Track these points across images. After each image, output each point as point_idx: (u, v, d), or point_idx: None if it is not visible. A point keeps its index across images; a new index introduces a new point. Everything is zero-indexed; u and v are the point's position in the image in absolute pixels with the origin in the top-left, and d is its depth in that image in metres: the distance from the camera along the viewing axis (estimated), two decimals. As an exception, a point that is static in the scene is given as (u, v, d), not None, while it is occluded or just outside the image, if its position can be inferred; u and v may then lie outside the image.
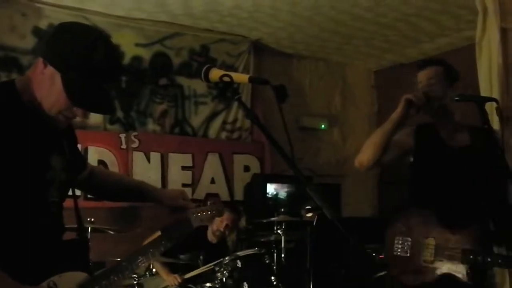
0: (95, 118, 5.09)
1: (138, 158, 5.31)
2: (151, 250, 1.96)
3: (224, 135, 5.93)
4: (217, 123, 5.87)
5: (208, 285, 3.93)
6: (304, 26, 5.57)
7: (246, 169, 5.92)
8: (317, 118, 6.68)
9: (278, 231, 4.57)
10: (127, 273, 1.86)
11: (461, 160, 2.57)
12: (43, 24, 4.87)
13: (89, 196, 4.30)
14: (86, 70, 1.61)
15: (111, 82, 1.71)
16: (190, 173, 5.58)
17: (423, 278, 2.48)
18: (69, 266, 1.70)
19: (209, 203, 2.20)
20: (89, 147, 5.04)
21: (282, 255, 4.52)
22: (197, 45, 5.75)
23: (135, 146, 5.30)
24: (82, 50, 1.62)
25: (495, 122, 2.67)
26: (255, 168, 5.95)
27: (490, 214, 2.55)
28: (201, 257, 4.24)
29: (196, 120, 5.76)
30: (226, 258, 3.94)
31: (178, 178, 5.47)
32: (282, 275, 4.19)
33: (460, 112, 2.67)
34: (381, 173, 6.66)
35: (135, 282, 3.97)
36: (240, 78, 1.70)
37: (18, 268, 1.58)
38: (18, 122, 1.65)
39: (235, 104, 5.78)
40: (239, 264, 3.92)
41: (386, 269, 2.79)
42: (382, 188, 6.82)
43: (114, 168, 5.10)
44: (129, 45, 5.36)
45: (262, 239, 4.76)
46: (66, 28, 1.70)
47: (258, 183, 5.73)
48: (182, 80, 5.67)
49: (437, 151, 2.64)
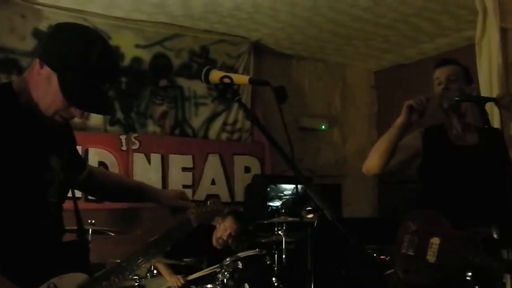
0: (95, 120, 5.10)
1: (139, 159, 5.31)
2: (152, 251, 1.96)
3: (224, 136, 5.93)
4: (217, 124, 5.87)
5: (209, 286, 3.93)
6: (303, 27, 5.57)
7: (247, 170, 5.91)
8: (317, 119, 6.68)
9: (279, 232, 4.57)
10: (127, 273, 1.85)
11: (467, 159, 2.57)
12: (43, 25, 4.87)
13: (89, 197, 4.30)
14: (82, 70, 1.61)
15: (109, 83, 1.70)
16: (190, 174, 5.58)
17: (424, 278, 2.47)
18: (69, 268, 1.70)
19: (209, 203, 2.21)
20: (89, 149, 5.03)
21: (283, 256, 4.50)
22: (197, 46, 5.75)
23: (136, 147, 5.30)
24: (78, 50, 1.61)
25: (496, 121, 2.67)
26: (256, 169, 5.95)
27: (495, 214, 2.53)
28: (205, 261, 4.24)
29: (196, 121, 5.76)
30: (227, 259, 3.93)
31: (178, 179, 5.46)
32: (283, 276, 4.19)
33: (471, 112, 2.67)
34: (381, 173, 6.66)
35: (136, 284, 3.96)
36: (240, 79, 1.70)
37: (18, 269, 1.58)
38: (16, 123, 1.65)
39: (235, 105, 5.76)
40: (240, 265, 3.91)
41: (392, 268, 2.78)
42: (382, 188, 6.81)
43: (114, 169, 5.09)
44: (129, 46, 5.36)
45: (263, 240, 4.75)
46: (63, 28, 1.70)
47: (259, 184, 5.72)
48: (182, 81, 5.67)
49: (444, 152, 2.64)
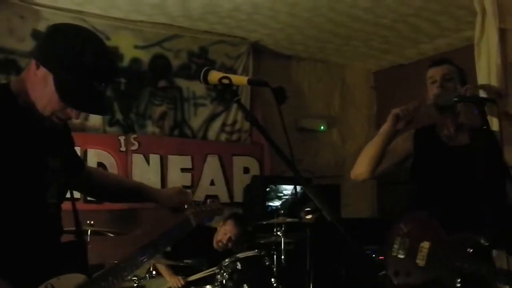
0: (94, 121, 5.10)
1: (138, 160, 5.30)
2: (151, 251, 1.96)
3: (223, 137, 5.92)
4: (216, 125, 5.86)
5: (208, 287, 3.94)
6: (303, 27, 5.57)
7: (246, 170, 5.91)
8: (316, 120, 6.68)
9: (278, 233, 4.57)
10: (126, 274, 1.85)
11: (459, 159, 2.55)
12: (42, 26, 4.85)
13: (88, 198, 4.30)
14: (78, 71, 1.61)
15: (105, 83, 1.69)
16: (189, 175, 5.58)
17: (414, 281, 2.44)
18: (67, 268, 1.69)
19: (208, 201, 2.21)
20: (88, 150, 5.03)
21: (282, 257, 4.50)
22: (196, 47, 5.74)
23: (135, 148, 5.29)
24: (73, 50, 1.61)
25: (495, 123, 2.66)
26: (255, 169, 5.95)
27: (488, 215, 2.52)
28: (205, 263, 4.24)
29: (195, 122, 5.76)
30: (226, 260, 3.93)
31: (177, 180, 5.45)
32: (282, 277, 4.19)
33: (464, 112, 2.66)
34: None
35: (135, 285, 3.96)
36: (239, 80, 1.70)
37: (16, 270, 1.58)
38: (15, 124, 1.64)
39: (234, 106, 5.75)
40: (239, 266, 3.91)
41: (384, 269, 2.78)
42: (381, 189, 6.81)
43: (113, 170, 5.08)
44: (128, 47, 5.36)
45: (262, 241, 4.75)
46: (58, 29, 1.70)
47: (258, 185, 5.72)
48: (181, 82, 5.67)
49: (437, 153, 2.63)
